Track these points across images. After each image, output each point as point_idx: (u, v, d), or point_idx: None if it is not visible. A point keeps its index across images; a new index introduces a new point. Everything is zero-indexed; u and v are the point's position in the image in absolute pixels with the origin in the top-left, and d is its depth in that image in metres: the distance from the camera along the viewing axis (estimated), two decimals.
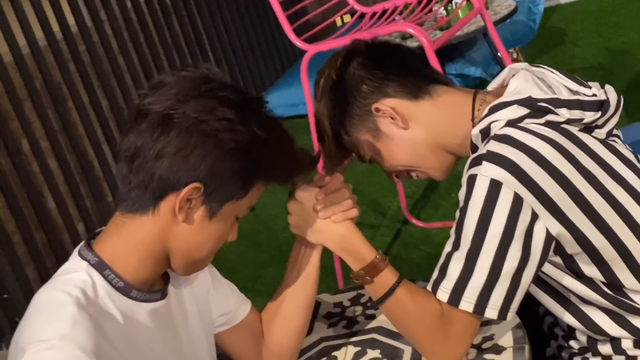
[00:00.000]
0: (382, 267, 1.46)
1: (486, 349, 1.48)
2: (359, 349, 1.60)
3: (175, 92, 1.25)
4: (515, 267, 1.39)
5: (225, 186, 1.25)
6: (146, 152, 1.23)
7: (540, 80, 1.53)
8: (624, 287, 1.47)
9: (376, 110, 1.52)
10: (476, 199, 1.38)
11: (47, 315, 1.21)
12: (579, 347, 1.57)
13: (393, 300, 1.46)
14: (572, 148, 1.42)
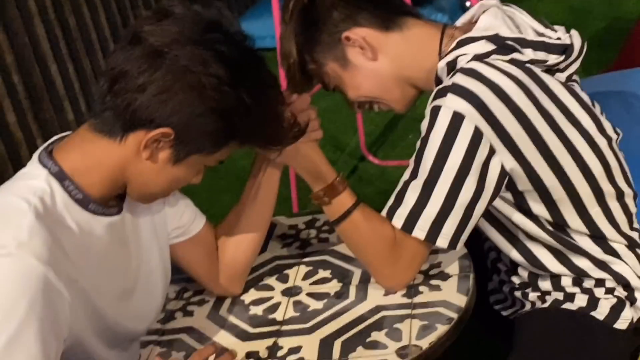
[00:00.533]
0: (340, 190, 1.47)
1: (433, 275, 1.51)
2: (311, 268, 1.62)
3: (176, 30, 1.21)
4: (469, 199, 1.41)
5: (197, 140, 1.23)
6: (129, 80, 1.20)
7: (509, 19, 1.53)
8: (568, 227, 1.51)
9: (346, 38, 1.50)
10: (437, 130, 1.39)
11: (3, 220, 1.19)
12: (520, 282, 1.61)
13: (349, 222, 1.47)
14: (534, 88, 1.43)
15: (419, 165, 1.43)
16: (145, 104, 1.20)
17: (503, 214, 1.51)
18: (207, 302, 1.58)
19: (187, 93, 1.19)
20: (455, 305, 1.40)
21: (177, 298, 1.61)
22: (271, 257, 1.68)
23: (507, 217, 1.51)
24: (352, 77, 1.54)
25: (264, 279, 1.62)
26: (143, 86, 1.19)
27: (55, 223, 1.21)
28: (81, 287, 1.23)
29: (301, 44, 1.53)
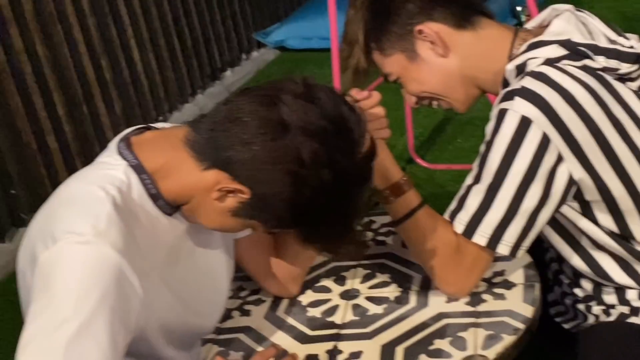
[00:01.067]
0: (406, 189, 1.44)
1: (496, 283, 1.47)
2: (369, 271, 1.58)
3: (311, 119, 1.17)
4: (533, 206, 1.36)
5: (265, 215, 1.21)
6: (245, 131, 1.17)
7: (582, 24, 1.48)
8: (633, 239, 1.45)
9: (418, 32, 1.47)
10: (503, 134, 1.35)
11: (82, 208, 1.18)
12: (584, 295, 1.56)
13: (412, 222, 1.44)
14: (605, 95, 1.38)
15: (482, 169, 1.39)
16: (244, 160, 1.17)
17: (568, 219, 1.46)
18: (264, 301, 1.55)
19: (285, 177, 1.16)
20: (521, 315, 1.36)
21: (233, 297, 1.58)
22: (327, 259, 1.64)
23: (573, 223, 1.46)
24: (418, 71, 1.50)
25: (321, 281, 1.58)
26: (253, 144, 1.16)
27: (130, 215, 1.20)
28: (150, 280, 1.22)
29: (370, 31, 1.49)
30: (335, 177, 1.17)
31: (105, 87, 3.65)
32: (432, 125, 3.51)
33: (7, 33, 3.14)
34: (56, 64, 3.36)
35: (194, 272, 1.36)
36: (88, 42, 3.56)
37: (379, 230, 1.72)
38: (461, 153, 3.23)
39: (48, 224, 1.19)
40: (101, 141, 3.47)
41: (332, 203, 1.19)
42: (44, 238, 1.16)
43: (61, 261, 1.13)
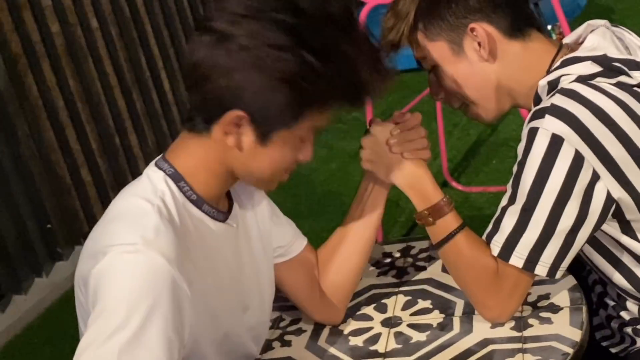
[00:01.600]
0: (446, 211, 1.42)
1: (542, 307, 1.44)
2: (409, 298, 1.56)
3: (238, 10, 1.18)
4: (570, 225, 1.34)
5: (273, 115, 1.19)
6: (197, 71, 1.20)
7: (618, 39, 1.47)
8: None
9: (471, 29, 1.44)
10: (535, 153, 1.33)
11: (130, 221, 1.19)
12: (630, 317, 1.53)
13: (452, 245, 1.42)
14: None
15: (516, 190, 1.37)
16: (214, 90, 1.18)
17: (609, 236, 1.43)
18: (305, 331, 1.53)
19: (246, 71, 1.16)
20: (569, 340, 1.33)
21: (273, 327, 1.57)
22: (367, 286, 1.63)
23: (614, 240, 1.43)
24: (457, 67, 1.47)
25: (362, 309, 1.56)
26: (208, 74, 1.18)
27: (177, 223, 1.21)
28: (201, 289, 1.23)
29: (422, 10, 1.46)
30: (285, 33, 1.15)
31: (137, 119, 3.69)
32: (466, 147, 3.50)
33: (39, 68, 3.18)
34: (88, 97, 3.41)
35: (243, 286, 1.36)
36: (119, 75, 3.61)
37: (418, 256, 1.70)
38: (496, 175, 3.22)
39: (97, 242, 1.19)
40: (134, 173, 3.50)
41: (305, 55, 1.15)
42: (95, 255, 1.16)
43: (112, 271, 1.13)
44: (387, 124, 1.46)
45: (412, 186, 1.44)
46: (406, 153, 1.44)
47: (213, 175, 1.26)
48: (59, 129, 3.25)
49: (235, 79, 1.17)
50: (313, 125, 1.24)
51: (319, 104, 1.21)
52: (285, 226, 1.51)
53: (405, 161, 1.44)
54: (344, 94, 1.23)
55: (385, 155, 1.45)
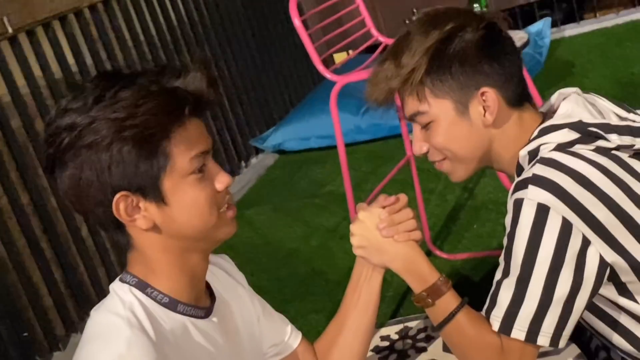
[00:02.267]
0: (444, 290, 1.42)
1: None
2: None
3: (48, 133, 1.22)
4: (566, 293, 1.34)
5: (140, 172, 1.19)
6: (72, 201, 1.23)
7: (590, 104, 1.49)
8: None
9: (482, 93, 1.44)
10: (523, 224, 1.35)
11: (102, 339, 1.19)
12: None
13: (454, 325, 1.41)
14: (621, 174, 1.38)
15: (509, 262, 1.37)
16: (90, 201, 1.21)
17: (606, 299, 1.43)
18: None
19: (84, 167, 1.18)
20: None
21: None
22: None
23: (611, 302, 1.43)
24: (457, 127, 1.46)
25: None
26: (75, 200, 1.23)
27: (149, 331, 1.20)
28: None
29: (434, 64, 1.43)
30: (76, 113, 1.18)
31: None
32: (445, 214, 3.50)
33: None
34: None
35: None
36: None
37: (417, 337, 1.69)
38: (479, 240, 3.21)
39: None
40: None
41: (109, 119, 1.17)
42: None
43: None
44: (374, 208, 1.46)
45: (408, 269, 1.44)
46: (397, 236, 1.43)
47: (169, 267, 1.26)
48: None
49: (88, 176, 1.18)
50: (186, 153, 1.21)
51: (159, 133, 1.19)
52: (278, 322, 1.51)
53: (398, 244, 1.43)
54: (164, 112, 1.20)
55: (376, 240, 1.44)
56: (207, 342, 1.29)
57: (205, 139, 1.25)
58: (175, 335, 1.24)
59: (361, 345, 1.51)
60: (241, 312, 1.42)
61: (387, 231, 1.43)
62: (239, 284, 1.47)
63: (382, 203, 1.46)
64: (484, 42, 1.43)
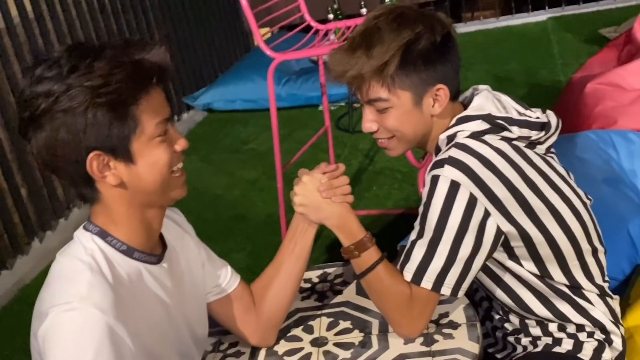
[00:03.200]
0: (369, 245, 1.46)
1: (443, 324, 1.49)
2: (332, 319, 1.58)
3: (23, 97, 1.19)
4: (468, 253, 1.41)
5: (112, 135, 1.18)
6: (44, 160, 1.20)
7: (497, 100, 1.55)
8: (551, 279, 1.52)
9: (437, 89, 1.47)
10: (438, 196, 1.40)
11: (64, 281, 1.18)
12: (512, 328, 1.61)
13: (374, 274, 1.45)
14: (518, 160, 1.45)
15: (424, 227, 1.43)
16: (65, 159, 1.19)
17: (496, 260, 1.51)
18: (243, 353, 1.52)
19: (61, 129, 1.16)
20: (470, 352, 1.39)
21: (214, 350, 1.55)
22: (294, 310, 1.63)
23: (500, 263, 1.51)
24: (411, 114, 1.49)
25: (291, 330, 1.57)
26: (49, 159, 1.19)
27: (108, 274, 1.20)
28: (136, 329, 1.21)
29: (404, 59, 1.45)
30: (51, 82, 1.15)
31: None
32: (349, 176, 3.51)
33: None
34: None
35: (174, 323, 1.35)
36: None
37: (334, 281, 1.73)
38: (376, 200, 3.28)
39: (40, 304, 1.18)
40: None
41: (81, 86, 1.15)
42: (39, 317, 1.16)
43: (54, 330, 1.12)
44: (316, 173, 1.49)
45: (340, 226, 1.47)
46: (334, 198, 1.47)
47: (130, 220, 1.26)
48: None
49: (64, 137, 1.17)
50: (152, 118, 1.21)
51: (129, 99, 1.19)
52: (220, 268, 1.52)
53: (334, 205, 1.46)
54: (134, 80, 1.19)
55: (316, 200, 1.47)
56: (157, 285, 1.30)
57: (167, 106, 1.25)
58: (131, 278, 1.24)
59: (293, 287, 1.54)
60: (188, 258, 1.43)
61: (327, 193, 1.46)
62: (187, 234, 1.47)
63: (323, 169, 1.49)
64: (444, 45, 1.47)
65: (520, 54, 5.00)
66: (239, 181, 3.79)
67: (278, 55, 2.48)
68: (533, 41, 5.22)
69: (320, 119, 4.49)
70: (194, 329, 1.42)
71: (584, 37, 5.00)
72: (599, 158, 2.39)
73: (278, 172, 2.72)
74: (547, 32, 5.35)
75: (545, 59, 4.78)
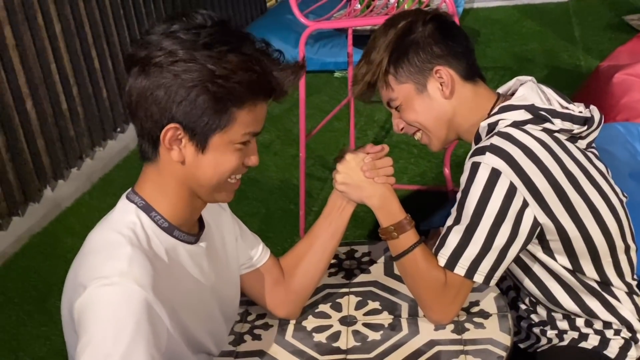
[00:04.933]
0: (408, 228, 1.46)
1: (474, 313, 1.49)
2: (360, 299, 1.58)
3: (149, 40, 1.17)
4: (504, 243, 1.40)
5: (201, 120, 1.17)
6: (130, 101, 1.19)
7: (542, 92, 1.54)
8: (582, 274, 1.51)
9: (436, 71, 1.49)
10: (477, 183, 1.39)
11: (104, 254, 1.17)
12: (539, 320, 1.61)
13: (410, 257, 1.45)
14: (559, 152, 1.44)
15: (461, 213, 1.42)
16: (146, 114, 1.17)
17: (528, 251, 1.50)
18: (272, 326, 1.52)
19: (166, 86, 1.15)
20: (501, 344, 1.39)
21: (242, 321, 1.55)
22: (321, 285, 1.63)
23: (532, 255, 1.50)
24: (420, 103, 1.51)
25: (319, 307, 1.57)
26: (137, 100, 1.17)
27: (149, 251, 1.19)
28: (172, 307, 1.21)
29: (393, 56, 1.50)
30: (181, 47, 1.14)
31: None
32: None
33: None
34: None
35: (208, 299, 1.35)
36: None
37: (362, 259, 1.72)
38: (400, 174, 3.26)
39: (77, 276, 1.17)
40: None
41: (204, 60, 1.14)
42: (75, 289, 1.15)
43: (93, 304, 1.11)
44: (360, 153, 1.47)
45: (381, 206, 1.46)
46: (377, 178, 1.46)
47: (177, 198, 1.24)
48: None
49: (159, 96, 1.16)
50: (244, 126, 1.20)
51: (235, 101, 1.18)
52: (252, 242, 1.52)
53: (376, 185, 1.46)
54: (252, 87, 1.18)
55: (358, 178, 1.46)
56: (193, 264, 1.29)
57: (262, 122, 1.24)
58: (169, 256, 1.23)
59: (324, 264, 1.53)
60: (223, 235, 1.43)
61: (370, 173, 1.45)
62: (223, 210, 1.47)
63: (367, 150, 1.48)
64: (433, 30, 1.50)
65: (540, 34, 4.96)
66: None
67: (312, 23, 2.43)
68: (554, 22, 5.17)
69: (335, 85, 4.47)
70: (226, 308, 1.43)
71: (606, 22, 4.95)
72: (626, 151, 2.38)
73: (302, 143, 2.68)
74: (568, 14, 5.29)
75: (566, 41, 4.73)
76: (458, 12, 5.13)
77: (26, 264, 2.93)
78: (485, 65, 4.30)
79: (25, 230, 3.10)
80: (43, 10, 3.31)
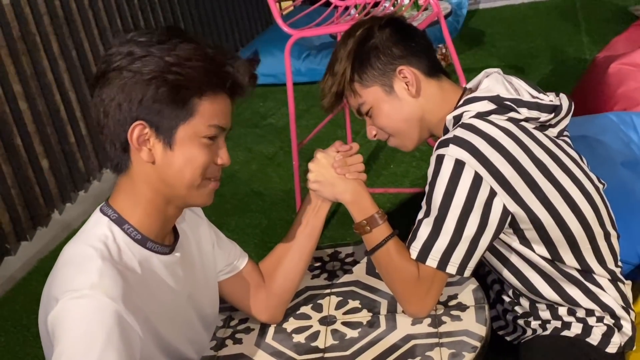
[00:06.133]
0: (380, 222, 1.48)
1: (452, 306, 1.51)
2: (341, 299, 1.60)
3: (107, 53, 1.23)
4: (473, 233, 1.43)
5: (164, 114, 1.20)
6: (98, 116, 1.22)
7: (508, 83, 1.56)
8: (562, 263, 1.53)
9: (400, 72, 1.53)
10: (443, 175, 1.42)
11: (76, 267, 1.19)
12: (522, 311, 1.62)
13: (384, 250, 1.48)
14: (526, 140, 1.47)
15: (430, 205, 1.45)
16: (111, 119, 1.21)
17: (505, 243, 1.52)
18: (253, 330, 1.55)
19: (125, 87, 1.19)
20: (477, 335, 1.40)
21: (224, 326, 1.58)
22: (303, 288, 1.66)
23: (509, 246, 1.52)
24: (390, 105, 1.55)
25: (300, 309, 1.60)
26: (104, 110, 1.21)
27: (119, 263, 1.21)
28: (146, 317, 1.23)
29: (356, 63, 1.55)
30: (138, 45, 1.20)
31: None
32: (367, 153, 3.56)
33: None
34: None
35: (184, 308, 1.38)
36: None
37: (345, 260, 1.75)
38: (394, 178, 3.29)
39: (51, 289, 1.20)
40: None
41: (160, 59, 1.19)
42: (49, 302, 1.17)
43: (65, 317, 1.13)
44: (330, 151, 1.51)
45: (354, 201, 1.50)
46: (348, 175, 1.49)
47: (151, 207, 1.26)
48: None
49: (120, 99, 1.19)
50: (207, 118, 1.22)
51: (193, 90, 1.21)
52: (229, 248, 1.54)
53: (348, 181, 1.49)
54: (207, 76, 1.21)
55: (330, 176, 1.50)
56: (168, 274, 1.32)
57: (228, 119, 1.26)
58: (143, 267, 1.25)
59: (303, 265, 1.56)
60: (200, 242, 1.45)
61: (341, 169, 1.49)
62: (201, 219, 1.49)
63: (337, 147, 1.51)
64: (390, 33, 1.55)
65: (546, 30, 4.95)
66: (257, 156, 3.81)
67: (295, 32, 2.48)
68: (560, 17, 5.16)
69: None
70: (204, 315, 1.46)
71: (612, 13, 4.92)
72: (619, 140, 2.37)
73: (294, 149, 2.73)
74: (574, 8, 5.28)
75: (571, 36, 4.72)
76: (462, 13, 5.16)
77: (34, 287, 2.99)
78: (491, 65, 4.30)
79: (33, 254, 3.17)
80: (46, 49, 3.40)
